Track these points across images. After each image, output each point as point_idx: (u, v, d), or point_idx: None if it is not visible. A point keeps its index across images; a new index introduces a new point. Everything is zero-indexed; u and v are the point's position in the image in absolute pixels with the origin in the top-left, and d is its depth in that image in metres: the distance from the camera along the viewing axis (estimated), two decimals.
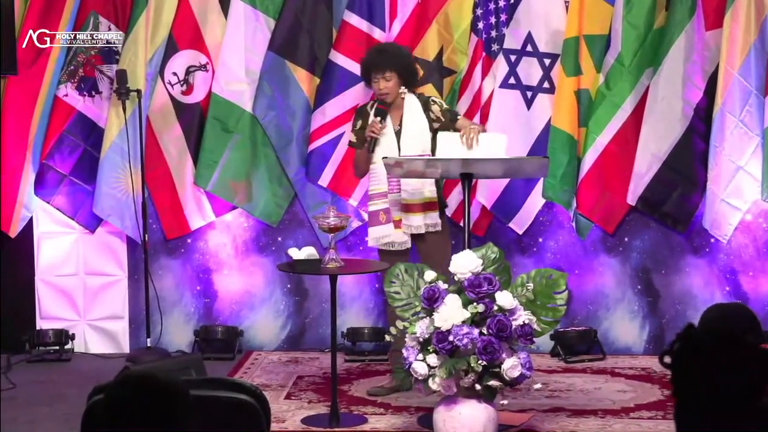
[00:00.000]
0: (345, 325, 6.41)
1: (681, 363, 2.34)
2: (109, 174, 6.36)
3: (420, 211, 5.53)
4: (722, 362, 2.30)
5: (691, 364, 2.33)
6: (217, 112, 6.41)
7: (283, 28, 6.37)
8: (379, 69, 5.51)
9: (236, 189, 6.45)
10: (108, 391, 2.43)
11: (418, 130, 5.54)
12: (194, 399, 2.45)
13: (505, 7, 6.28)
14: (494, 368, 4.55)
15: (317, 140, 6.36)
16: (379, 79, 5.51)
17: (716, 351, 2.32)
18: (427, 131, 5.54)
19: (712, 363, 2.31)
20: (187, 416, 2.39)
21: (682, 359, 2.34)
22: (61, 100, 6.41)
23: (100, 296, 6.55)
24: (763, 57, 6.02)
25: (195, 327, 6.56)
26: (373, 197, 5.60)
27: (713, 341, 2.34)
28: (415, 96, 5.61)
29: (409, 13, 6.32)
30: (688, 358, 2.33)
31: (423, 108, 5.56)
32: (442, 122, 5.56)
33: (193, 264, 6.60)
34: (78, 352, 6.49)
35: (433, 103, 5.61)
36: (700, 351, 2.33)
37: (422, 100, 5.61)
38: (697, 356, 2.33)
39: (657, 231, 6.37)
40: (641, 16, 6.13)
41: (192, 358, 5.25)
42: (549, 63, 6.25)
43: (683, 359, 2.34)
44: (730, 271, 6.32)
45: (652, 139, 6.13)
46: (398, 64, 5.54)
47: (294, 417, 5.27)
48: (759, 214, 6.29)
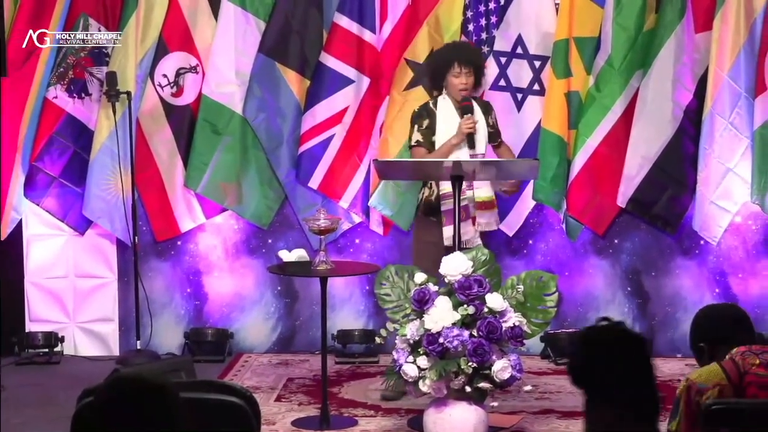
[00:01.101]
0: (335, 327, 6.40)
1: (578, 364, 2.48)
2: (98, 176, 6.35)
3: (490, 208, 5.55)
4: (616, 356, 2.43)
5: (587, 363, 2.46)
6: (208, 114, 6.41)
7: (274, 30, 6.37)
8: (465, 62, 5.47)
9: (226, 191, 6.45)
10: (97, 394, 2.42)
11: (483, 131, 5.54)
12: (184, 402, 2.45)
13: (495, 10, 6.29)
14: (484, 370, 4.55)
15: (307, 142, 6.36)
16: (464, 73, 5.47)
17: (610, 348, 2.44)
18: (486, 134, 5.56)
19: (606, 359, 2.43)
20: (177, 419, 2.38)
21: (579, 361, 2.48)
22: (50, 102, 6.40)
23: (90, 298, 6.53)
24: (752, 59, 6.03)
25: (185, 329, 6.55)
26: (446, 196, 5.42)
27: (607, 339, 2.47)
28: (474, 98, 5.59)
29: (399, 15, 6.32)
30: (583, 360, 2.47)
31: (484, 111, 5.60)
32: (494, 131, 5.64)
33: (183, 266, 6.59)
34: (67, 355, 6.48)
35: (492, 109, 5.70)
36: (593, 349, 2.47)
37: (483, 104, 5.66)
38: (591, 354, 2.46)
39: (647, 233, 6.38)
40: (631, 18, 6.14)
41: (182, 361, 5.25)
42: (539, 65, 6.26)
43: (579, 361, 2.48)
44: (720, 272, 6.34)
45: (642, 141, 6.13)
46: (479, 65, 5.58)
47: (284, 419, 5.26)
48: (748, 215, 6.31)
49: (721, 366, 3.19)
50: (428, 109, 5.60)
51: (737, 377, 3.15)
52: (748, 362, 3.18)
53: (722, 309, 3.57)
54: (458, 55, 5.53)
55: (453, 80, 5.49)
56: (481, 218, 5.48)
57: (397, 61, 6.27)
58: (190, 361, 5.10)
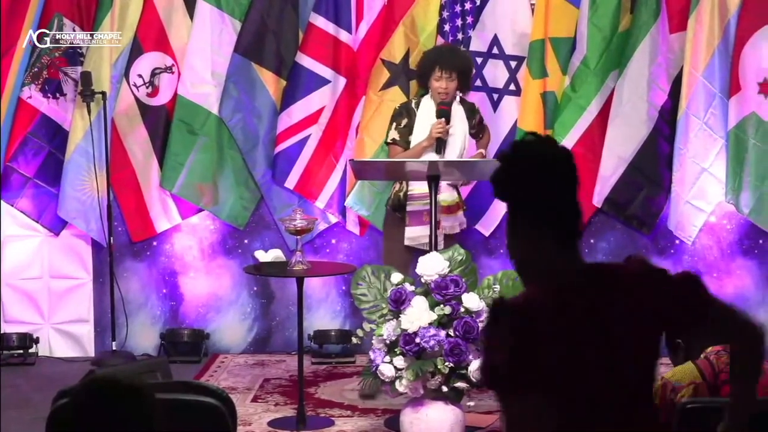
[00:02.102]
0: (312, 327, 6.40)
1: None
2: (74, 176, 6.32)
3: (454, 211, 5.63)
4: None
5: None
6: (183, 114, 6.39)
7: (249, 30, 6.36)
8: (447, 67, 5.52)
9: (202, 191, 6.43)
10: (73, 395, 2.41)
11: (462, 135, 5.60)
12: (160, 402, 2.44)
13: (471, 10, 6.30)
14: (461, 370, 4.56)
15: (283, 142, 6.35)
16: (444, 78, 5.52)
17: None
18: (467, 139, 5.63)
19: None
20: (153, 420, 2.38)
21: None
22: (24, 102, 6.36)
23: (65, 299, 6.50)
24: (726, 59, 6.06)
25: (161, 330, 6.53)
26: (413, 197, 5.55)
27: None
28: (459, 102, 5.65)
29: (375, 15, 6.32)
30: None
31: (468, 115, 5.65)
32: (475, 131, 5.72)
33: (158, 267, 6.56)
34: (42, 356, 6.45)
35: (477, 111, 5.75)
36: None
37: (468, 106, 5.70)
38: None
39: (622, 233, 6.40)
40: (606, 18, 6.16)
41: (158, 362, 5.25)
42: (515, 65, 6.27)
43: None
44: (695, 272, 6.35)
45: (618, 142, 6.16)
46: (465, 68, 5.61)
47: (260, 420, 5.26)
48: (723, 215, 6.34)
49: (696, 365, 3.20)
50: (408, 108, 5.64)
51: (712, 376, 3.17)
52: (722, 361, 3.19)
53: None
54: (440, 59, 5.57)
55: (434, 83, 5.55)
56: (445, 222, 5.53)
57: (373, 62, 6.27)
58: (165, 362, 5.09)
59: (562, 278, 2.40)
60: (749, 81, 6.05)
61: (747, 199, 6.09)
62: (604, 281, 2.40)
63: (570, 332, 2.35)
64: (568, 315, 2.36)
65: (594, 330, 2.35)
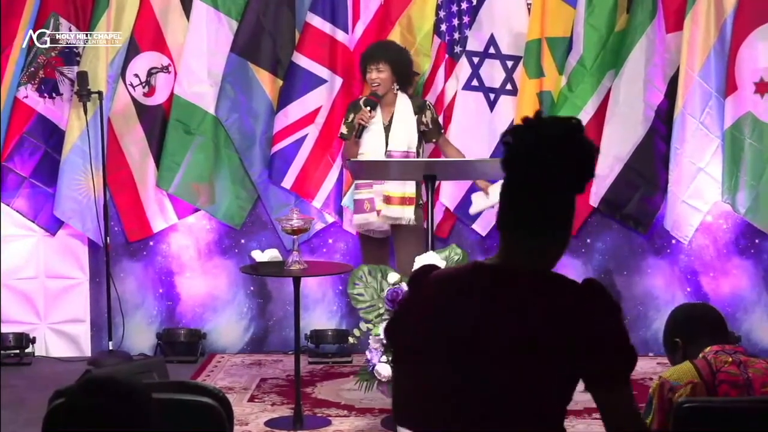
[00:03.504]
0: (308, 327, 6.40)
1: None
2: (70, 176, 6.32)
3: (399, 204, 5.67)
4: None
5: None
6: (180, 113, 6.39)
7: (246, 29, 6.36)
8: (374, 60, 5.74)
9: (199, 191, 6.43)
10: (69, 395, 2.41)
11: (407, 128, 5.71)
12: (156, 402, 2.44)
13: (467, 10, 6.30)
14: None
15: (280, 142, 6.35)
16: (373, 69, 5.72)
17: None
18: (415, 132, 5.73)
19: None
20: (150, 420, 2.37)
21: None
22: (21, 102, 6.36)
23: (61, 299, 6.50)
24: (722, 59, 6.07)
25: (157, 330, 6.53)
26: (359, 186, 5.79)
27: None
28: (408, 97, 5.78)
29: (372, 15, 6.32)
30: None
31: (417, 110, 5.75)
32: (428, 129, 5.77)
33: (155, 266, 6.56)
34: (39, 356, 6.44)
35: (428, 108, 5.82)
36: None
37: (417, 103, 5.80)
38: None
39: (619, 232, 6.41)
40: (603, 18, 6.16)
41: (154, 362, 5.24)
42: (511, 65, 6.28)
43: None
44: (691, 272, 6.37)
45: (614, 141, 6.16)
46: (393, 59, 5.75)
47: (257, 420, 5.25)
48: (719, 215, 6.34)
49: (694, 364, 3.20)
50: (356, 104, 5.83)
51: (710, 375, 3.17)
52: (720, 360, 3.20)
53: (699, 308, 3.59)
54: (370, 52, 5.82)
55: (367, 76, 5.79)
56: (387, 212, 5.68)
57: None
58: (162, 362, 5.08)
59: (493, 273, 2.38)
60: (745, 81, 6.06)
61: (743, 198, 6.10)
62: (525, 294, 2.33)
63: (452, 322, 2.34)
64: (462, 307, 2.35)
65: (476, 335, 2.31)
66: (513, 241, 2.38)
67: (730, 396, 3.14)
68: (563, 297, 2.33)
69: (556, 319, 2.29)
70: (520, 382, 2.29)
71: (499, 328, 2.31)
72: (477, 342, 2.31)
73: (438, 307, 2.39)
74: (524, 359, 2.28)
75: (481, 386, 2.30)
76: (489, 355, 2.30)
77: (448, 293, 2.40)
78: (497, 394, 2.30)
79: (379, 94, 5.70)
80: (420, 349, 2.39)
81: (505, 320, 2.31)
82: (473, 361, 2.31)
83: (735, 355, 3.22)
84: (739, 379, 3.16)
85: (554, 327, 2.29)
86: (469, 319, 2.33)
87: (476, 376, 2.31)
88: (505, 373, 2.29)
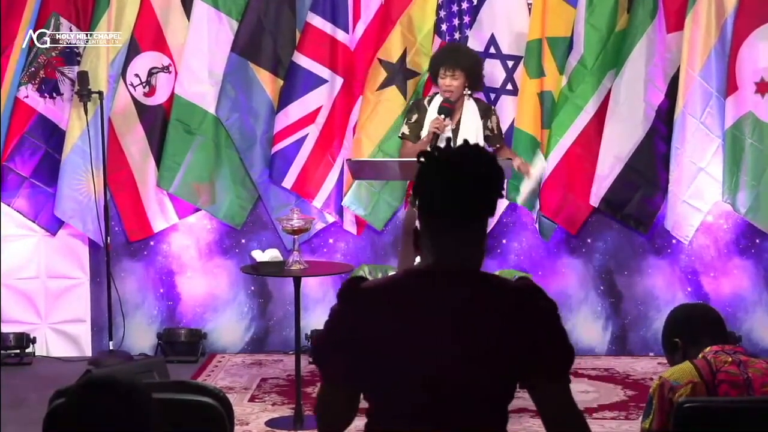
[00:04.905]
0: (309, 327, 6.39)
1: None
2: (70, 176, 6.32)
3: None
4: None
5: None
6: (180, 113, 6.39)
7: (246, 29, 6.36)
8: (450, 66, 5.60)
9: (199, 191, 6.43)
10: (70, 395, 2.41)
11: (474, 133, 5.62)
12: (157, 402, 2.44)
13: (468, 9, 6.30)
14: None
15: (281, 142, 6.35)
16: (447, 75, 5.60)
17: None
18: (481, 136, 5.65)
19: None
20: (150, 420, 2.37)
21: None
22: (21, 102, 6.36)
23: (62, 299, 6.50)
24: (723, 59, 6.07)
25: (158, 330, 6.53)
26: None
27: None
28: (474, 101, 5.69)
29: (372, 14, 6.32)
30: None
31: (482, 114, 5.68)
32: (492, 135, 5.71)
33: (155, 266, 6.56)
34: (39, 356, 6.44)
35: (493, 114, 5.76)
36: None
37: (483, 107, 5.73)
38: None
39: (619, 232, 6.41)
40: (603, 18, 6.17)
41: (155, 361, 5.24)
42: (512, 65, 6.28)
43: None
44: (692, 272, 6.37)
45: (615, 141, 6.17)
46: (469, 65, 5.64)
47: (258, 419, 5.26)
48: (720, 215, 6.35)
49: (694, 364, 3.20)
50: (420, 104, 5.73)
51: (710, 375, 3.17)
52: (720, 360, 3.20)
53: (699, 308, 3.60)
54: (445, 57, 5.66)
55: (440, 81, 5.63)
56: None
57: (370, 61, 6.28)
58: (162, 362, 5.08)
59: (427, 277, 2.39)
60: (746, 81, 6.06)
61: (744, 198, 6.10)
62: (464, 294, 2.36)
63: (402, 333, 2.36)
64: (406, 317, 2.36)
65: (427, 342, 2.34)
66: (441, 242, 2.39)
67: (730, 396, 3.14)
68: (502, 297, 2.38)
69: (498, 319, 2.34)
70: (471, 384, 2.34)
71: (443, 332, 2.34)
72: (429, 349, 2.33)
73: (382, 320, 2.38)
74: (473, 360, 2.33)
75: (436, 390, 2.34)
76: (442, 360, 2.33)
77: (388, 305, 2.39)
78: (449, 394, 2.34)
79: (452, 100, 5.60)
80: (376, 365, 2.43)
81: (445, 323, 2.34)
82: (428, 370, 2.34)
83: (735, 355, 3.23)
84: (739, 378, 3.17)
85: (497, 326, 2.34)
86: (416, 327, 2.35)
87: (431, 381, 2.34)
88: (457, 375, 2.33)
